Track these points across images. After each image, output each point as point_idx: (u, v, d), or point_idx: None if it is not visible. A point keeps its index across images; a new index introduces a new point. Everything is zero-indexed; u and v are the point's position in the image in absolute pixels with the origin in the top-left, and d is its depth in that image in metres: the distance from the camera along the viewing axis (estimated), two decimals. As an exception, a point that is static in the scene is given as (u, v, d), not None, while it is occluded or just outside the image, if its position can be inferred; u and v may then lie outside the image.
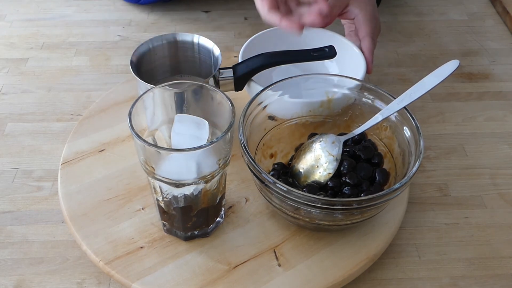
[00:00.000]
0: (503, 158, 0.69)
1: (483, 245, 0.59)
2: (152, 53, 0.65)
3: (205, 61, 0.66)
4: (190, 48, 0.66)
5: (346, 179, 0.55)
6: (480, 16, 0.95)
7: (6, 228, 0.59)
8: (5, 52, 0.84)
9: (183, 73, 0.68)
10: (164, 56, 0.66)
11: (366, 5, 0.70)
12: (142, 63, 0.63)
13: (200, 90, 0.53)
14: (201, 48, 0.66)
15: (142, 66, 0.63)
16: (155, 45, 0.65)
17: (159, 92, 0.52)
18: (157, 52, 0.65)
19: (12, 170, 0.65)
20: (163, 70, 0.67)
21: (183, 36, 0.66)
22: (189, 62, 0.67)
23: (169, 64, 0.67)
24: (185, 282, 0.52)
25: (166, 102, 0.53)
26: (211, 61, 0.65)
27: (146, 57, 0.64)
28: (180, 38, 0.66)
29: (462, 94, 0.78)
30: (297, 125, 0.62)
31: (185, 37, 0.66)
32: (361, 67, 0.67)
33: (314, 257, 0.54)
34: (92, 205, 0.59)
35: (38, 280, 0.55)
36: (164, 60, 0.66)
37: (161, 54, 0.66)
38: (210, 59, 0.65)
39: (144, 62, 0.64)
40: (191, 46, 0.66)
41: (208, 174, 0.49)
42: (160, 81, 0.63)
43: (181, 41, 0.66)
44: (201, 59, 0.66)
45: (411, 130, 0.55)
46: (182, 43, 0.66)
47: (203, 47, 0.66)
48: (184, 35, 0.66)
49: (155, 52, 0.65)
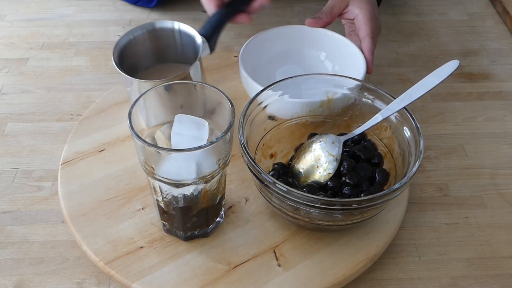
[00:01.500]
0: (503, 158, 0.69)
1: (483, 245, 0.59)
2: (133, 45, 0.64)
3: (187, 47, 0.65)
4: (171, 36, 0.65)
5: (346, 179, 0.55)
6: (480, 16, 0.95)
7: (6, 228, 0.59)
8: (5, 52, 0.84)
9: (167, 61, 0.67)
10: (146, 46, 0.65)
11: (366, 5, 0.70)
12: (124, 56, 0.62)
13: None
14: (183, 35, 0.64)
15: (125, 59, 0.62)
16: (136, 35, 0.64)
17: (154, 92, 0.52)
18: (138, 43, 0.64)
19: (12, 170, 0.65)
20: (146, 60, 0.66)
21: (162, 24, 0.65)
22: (171, 50, 0.66)
23: (151, 53, 0.66)
24: (185, 282, 0.52)
25: (164, 102, 0.53)
26: (194, 46, 0.64)
27: (128, 49, 0.63)
28: (159, 26, 0.65)
29: (462, 94, 0.78)
30: (297, 125, 0.62)
31: (164, 25, 0.65)
32: (361, 67, 0.67)
33: (314, 257, 0.54)
34: (92, 205, 0.59)
35: (38, 280, 0.55)
36: (146, 50, 0.65)
37: (142, 44, 0.64)
38: (193, 45, 0.64)
39: (127, 55, 0.63)
40: (171, 34, 0.65)
41: (208, 174, 0.49)
42: (144, 72, 0.62)
43: (160, 29, 0.65)
44: (183, 45, 0.65)
45: (411, 130, 0.55)
46: (162, 31, 0.65)
47: (185, 33, 0.64)
48: (163, 23, 0.65)
49: (136, 43, 0.64)
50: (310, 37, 0.74)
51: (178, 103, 0.53)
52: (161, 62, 0.67)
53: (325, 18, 0.71)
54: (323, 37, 0.73)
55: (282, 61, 0.75)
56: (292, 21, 0.93)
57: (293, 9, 0.96)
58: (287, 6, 0.97)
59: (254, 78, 0.65)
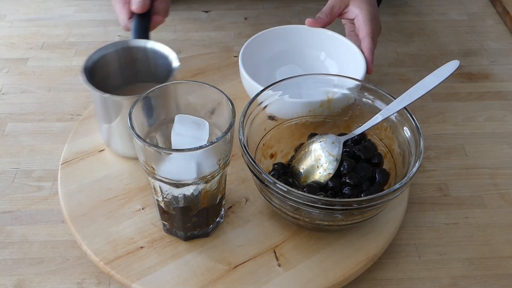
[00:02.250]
0: (503, 158, 0.69)
1: (483, 245, 0.59)
2: (105, 61, 0.62)
3: (161, 67, 0.63)
4: (144, 56, 0.64)
5: (346, 179, 0.55)
6: (480, 16, 0.95)
7: (6, 228, 0.59)
8: (5, 52, 0.84)
9: (139, 81, 0.65)
10: (118, 65, 0.64)
11: (366, 5, 0.70)
12: (95, 71, 0.60)
13: None
14: (156, 54, 0.63)
15: (96, 74, 0.60)
16: (109, 52, 0.62)
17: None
18: (110, 60, 0.63)
19: (12, 170, 0.65)
20: (116, 79, 0.64)
21: (136, 43, 0.64)
22: (144, 70, 0.65)
23: (122, 72, 0.64)
24: (185, 282, 0.52)
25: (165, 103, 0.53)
26: (167, 66, 0.62)
27: (98, 67, 0.61)
28: (133, 44, 0.63)
29: (462, 94, 0.78)
30: (297, 125, 0.62)
31: (138, 44, 0.63)
32: (361, 67, 0.67)
33: (314, 257, 0.54)
34: (92, 205, 0.59)
35: (38, 280, 0.55)
36: (117, 69, 0.64)
37: (114, 62, 0.63)
38: (167, 64, 0.62)
39: (97, 70, 0.61)
40: (144, 54, 0.64)
41: (208, 174, 0.49)
42: (113, 92, 0.58)
43: (134, 48, 0.63)
44: (157, 65, 0.64)
45: (411, 130, 0.55)
46: (136, 50, 0.63)
47: (158, 53, 0.63)
48: (137, 42, 0.64)
49: (108, 60, 0.63)
50: (310, 37, 0.74)
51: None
52: (132, 83, 0.65)
53: (325, 18, 0.71)
54: (323, 37, 0.73)
55: (282, 61, 0.75)
56: (292, 21, 0.93)
57: (293, 9, 0.96)
58: (287, 6, 0.97)
59: (254, 78, 0.65)
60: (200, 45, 0.87)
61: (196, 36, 0.89)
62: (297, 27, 0.74)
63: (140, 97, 0.50)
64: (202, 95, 0.53)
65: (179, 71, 0.69)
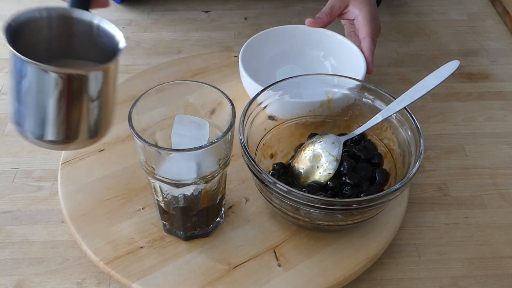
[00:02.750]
0: (503, 158, 0.69)
1: (483, 245, 0.59)
2: (34, 27, 0.51)
3: (104, 47, 0.53)
4: (86, 31, 0.53)
5: (346, 180, 0.55)
6: (480, 16, 0.95)
7: (6, 228, 0.59)
8: (5, 52, 0.84)
9: (77, 57, 0.54)
10: (48, 35, 0.53)
11: (366, 6, 0.70)
12: (20, 36, 0.50)
13: None
14: (101, 32, 0.53)
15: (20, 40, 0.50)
16: (40, 16, 0.52)
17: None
18: (40, 27, 0.52)
19: (12, 170, 0.65)
20: (50, 50, 0.53)
21: (79, 14, 0.52)
22: (81, 47, 0.54)
23: (50, 45, 0.53)
24: (185, 282, 0.52)
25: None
26: (112, 46, 0.52)
27: (29, 29, 0.51)
28: (75, 15, 0.52)
29: (462, 94, 0.78)
30: (297, 125, 0.62)
31: (81, 16, 0.52)
32: (361, 67, 0.67)
33: (314, 257, 0.54)
34: (92, 205, 0.59)
35: (38, 280, 0.55)
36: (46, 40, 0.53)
37: (44, 31, 0.52)
38: (112, 44, 0.52)
39: (23, 35, 0.51)
40: (86, 29, 0.53)
41: (208, 174, 0.49)
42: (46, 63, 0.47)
43: (76, 20, 0.52)
44: (98, 44, 0.53)
45: (411, 131, 0.55)
46: (77, 23, 0.53)
47: (103, 31, 0.53)
48: (81, 13, 0.52)
49: (38, 27, 0.52)
50: (310, 37, 0.74)
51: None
52: (69, 57, 0.54)
53: (325, 18, 0.71)
54: (323, 37, 0.73)
55: (282, 61, 0.75)
56: (292, 21, 0.93)
57: (293, 9, 0.96)
58: (287, 6, 0.97)
59: (254, 78, 0.65)
60: (200, 45, 0.87)
61: (196, 36, 0.89)
62: (297, 27, 0.74)
63: (140, 97, 0.50)
64: (202, 95, 0.53)
65: (179, 71, 0.69)
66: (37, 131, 0.49)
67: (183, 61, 0.79)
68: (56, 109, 0.48)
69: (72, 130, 0.49)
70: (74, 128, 0.49)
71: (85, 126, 0.49)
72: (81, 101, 0.48)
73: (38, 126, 0.49)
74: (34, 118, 0.49)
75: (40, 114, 0.49)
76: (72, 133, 0.49)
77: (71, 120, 0.49)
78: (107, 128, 0.52)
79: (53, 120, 0.48)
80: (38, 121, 0.49)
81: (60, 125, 0.48)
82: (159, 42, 0.87)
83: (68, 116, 0.48)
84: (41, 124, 0.49)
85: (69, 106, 0.48)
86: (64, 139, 0.49)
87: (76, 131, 0.49)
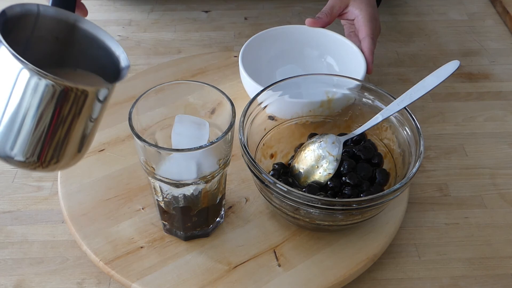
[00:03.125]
0: (503, 158, 0.69)
1: (483, 245, 0.59)
2: (28, 22, 0.46)
3: (95, 60, 0.49)
4: (69, 38, 0.48)
5: (346, 180, 0.55)
6: (480, 16, 0.95)
7: (6, 228, 0.59)
8: None
9: (77, 66, 0.49)
10: (53, 38, 0.48)
11: (366, 6, 0.70)
12: (12, 29, 0.43)
13: None
14: (89, 40, 0.48)
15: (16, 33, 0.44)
16: (43, 14, 0.46)
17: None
18: (43, 26, 0.46)
19: (12, 170, 0.65)
20: (47, 54, 0.48)
21: (64, 15, 0.47)
22: (74, 54, 0.49)
23: (58, 49, 0.48)
24: (185, 282, 0.52)
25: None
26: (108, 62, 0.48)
27: (20, 24, 0.45)
28: (59, 16, 0.47)
29: (462, 94, 0.78)
30: (297, 125, 0.62)
31: (66, 17, 0.47)
32: (361, 67, 0.67)
33: (314, 257, 0.54)
34: (92, 205, 0.59)
35: (38, 280, 0.55)
36: (50, 42, 0.48)
37: (26, 31, 0.46)
38: (106, 58, 0.48)
39: (20, 30, 0.45)
40: (70, 34, 0.48)
41: (208, 174, 0.49)
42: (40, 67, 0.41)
43: (57, 21, 0.47)
44: (87, 55, 0.49)
45: (411, 130, 0.56)
46: (58, 25, 0.47)
47: (95, 40, 0.48)
48: (66, 15, 0.47)
49: (40, 26, 0.46)
50: (310, 37, 0.74)
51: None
52: (68, 66, 0.49)
53: (325, 18, 0.71)
54: (323, 37, 0.73)
55: (282, 61, 0.75)
56: (292, 21, 0.93)
57: (293, 9, 0.96)
58: (287, 6, 0.97)
59: (254, 78, 0.65)
60: (200, 45, 0.87)
61: (196, 36, 0.89)
62: (297, 27, 0.74)
63: (140, 97, 0.50)
64: (202, 95, 0.53)
65: (179, 71, 0.68)
66: (4, 147, 0.42)
67: (183, 61, 0.79)
68: (40, 124, 0.41)
69: (48, 151, 0.43)
70: (52, 149, 0.43)
71: (68, 148, 0.44)
72: (74, 120, 0.43)
73: (6, 141, 0.42)
74: (5, 131, 0.41)
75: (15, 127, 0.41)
76: (49, 155, 0.43)
77: (54, 140, 0.43)
78: (81, 156, 0.47)
79: (30, 137, 0.41)
80: (9, 136, 0.41)
81: (36, 144, 0.42)
82: (159, 42, 0.87)
83: (53, 134, 0.42)
84: (12, 140, 0.42)
85: (58, 123, 0.42)
86: (36, 161, 0.43)
87: (54, 153, 0.44)
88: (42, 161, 0.44)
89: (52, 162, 0.44)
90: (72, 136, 0.44)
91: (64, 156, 0.45)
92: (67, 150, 0.45)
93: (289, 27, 0.75)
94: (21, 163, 0.43)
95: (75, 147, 0.45)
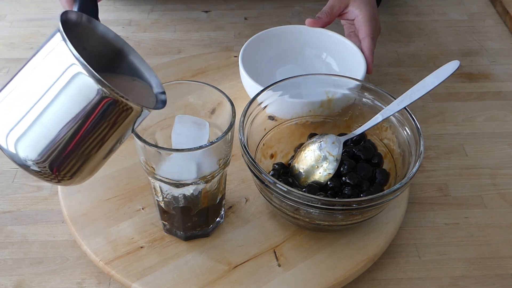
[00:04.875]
0: (503, 158, 0.69)
1: (483, 245, 0.59)
2: (94, 32, 0.49)
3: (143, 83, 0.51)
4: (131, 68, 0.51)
5: (346, 180, 0.55)
6: (480, 16, 0.95)
7: (6, 228, 0.59)
8: (5, 52, 0.84)
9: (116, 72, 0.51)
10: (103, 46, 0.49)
11: (366, 6, 0.70)
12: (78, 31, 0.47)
13: None
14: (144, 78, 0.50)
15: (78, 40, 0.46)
16: (101, 29, 0.49)
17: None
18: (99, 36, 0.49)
19: (12, 170, 0.65)
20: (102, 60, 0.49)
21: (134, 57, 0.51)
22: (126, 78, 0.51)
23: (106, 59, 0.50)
24: (185, 282, 0.52)
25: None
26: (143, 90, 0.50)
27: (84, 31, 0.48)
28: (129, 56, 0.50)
29: (462, 94, 0.78)
30: (297, 125, 0.62)
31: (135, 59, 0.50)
32: (361, 67, 0.67)
33: (314, 257, 0.54)
34: (92, 205, 0.59)
35: (38, 280, 0.55)
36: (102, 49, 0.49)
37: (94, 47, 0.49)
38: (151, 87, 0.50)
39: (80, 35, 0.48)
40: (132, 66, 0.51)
41: (208, 174, 0.49)
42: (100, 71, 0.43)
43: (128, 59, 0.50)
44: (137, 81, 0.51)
45: (411, 130, 0.56)
46: (91, 35, 0.50)
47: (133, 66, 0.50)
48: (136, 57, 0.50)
49: (97, 35, 0.49)
50: (310, 37, 0.74)
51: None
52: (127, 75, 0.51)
53: (325, 18, 0.71)
54: (323, 37, 0.73)
55: (282, 61, 0.75)
56: (292, 21, 0.93)
57: (293, 9, 0.96)
58: (287, 6, 0.97)
59: (254, 78, 0.65)
60: (200, 45, 0.87)
61: (196, 36, 0.89)
62: (297, 27, 0.74)
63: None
64: (202, 95, 0.53)
65: (179, 71, 0.68)
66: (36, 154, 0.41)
67: (183, 61, 0.79)
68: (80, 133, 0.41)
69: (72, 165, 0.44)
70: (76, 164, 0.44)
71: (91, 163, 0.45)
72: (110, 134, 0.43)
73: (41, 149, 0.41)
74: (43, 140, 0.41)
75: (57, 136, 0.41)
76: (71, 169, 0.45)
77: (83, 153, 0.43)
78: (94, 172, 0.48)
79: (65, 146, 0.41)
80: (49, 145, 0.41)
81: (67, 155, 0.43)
82: (159, 42, 0.87)
83: (85, 145, 0.43)
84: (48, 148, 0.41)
85: (96, 134, 0.42)
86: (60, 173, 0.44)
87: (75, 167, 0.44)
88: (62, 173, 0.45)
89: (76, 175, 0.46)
90: (101, 150, 0.45)
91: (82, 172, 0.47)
92: (87, 166, 0.46)
93: (289, 27, 0.75)
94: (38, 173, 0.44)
95: (94, 166, 0.48)
